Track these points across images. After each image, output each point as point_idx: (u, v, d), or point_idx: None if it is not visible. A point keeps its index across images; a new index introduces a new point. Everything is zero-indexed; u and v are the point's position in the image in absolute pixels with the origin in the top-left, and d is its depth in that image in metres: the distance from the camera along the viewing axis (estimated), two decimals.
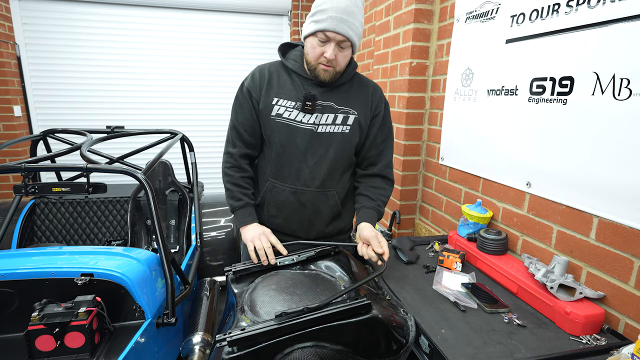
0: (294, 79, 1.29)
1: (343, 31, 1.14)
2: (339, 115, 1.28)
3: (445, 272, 1.36)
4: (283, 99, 1.27)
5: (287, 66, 1.30)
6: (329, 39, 1.16)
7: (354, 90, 1.33)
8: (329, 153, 1.29)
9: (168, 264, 1.43)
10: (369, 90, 1.35)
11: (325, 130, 1.27)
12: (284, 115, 1.26)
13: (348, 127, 1.29)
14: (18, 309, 1.29)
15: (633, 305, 1.01)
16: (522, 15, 1.34)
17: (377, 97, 1.36)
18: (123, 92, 3.72)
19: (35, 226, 2.22)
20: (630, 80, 0.98)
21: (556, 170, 1.23)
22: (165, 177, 2.31)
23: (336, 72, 1.23)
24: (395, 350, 0.95)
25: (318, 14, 1.15)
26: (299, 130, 1.26)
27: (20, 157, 3.37)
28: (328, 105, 1.28)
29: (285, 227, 1.37)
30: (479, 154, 1.61)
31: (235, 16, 3.80)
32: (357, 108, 1.31)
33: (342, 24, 1.14)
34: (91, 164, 1.38)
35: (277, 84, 1.29)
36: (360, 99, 1.33)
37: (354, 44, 1.21)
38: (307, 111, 1.25)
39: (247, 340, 0.82)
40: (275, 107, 1.27)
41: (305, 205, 1.32)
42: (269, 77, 1.30)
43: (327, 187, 1.32)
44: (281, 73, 1.31)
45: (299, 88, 1.28)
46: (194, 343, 1.63)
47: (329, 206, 1.35)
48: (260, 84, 1.30)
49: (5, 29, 3.28)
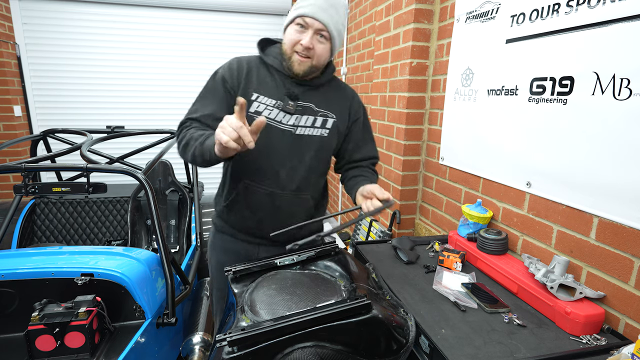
0: (274, 75, 1.22)
1: (322, 19, 1.11)
2: (318, 117, 1.24)
3: (445, 272, 1.36)
4: (263, 95, 1.20)
5: (267, 62, 1.23)
6: (307, 26, 1.12)
7: (332, 93, 1.29)
8: (307, 157, 1.24)
9: (168, 264, 1.43)
10: (347, 95, 1.32)
11: (305, 133, 1.22)
12: (264, 113, 1.19)
13: (327, 130, 1.25)
14: (18, 309, 1.29)
15: (633, 305, 1.01)
16: (522, 15, 1.34)
17: (356, 102, 1.34)
18: (123, 92, 3.73)
19: (35, 226, 2.22)
20: (630, 80, 0.98)
21: (556, 170, 1.23)
22: (165, 177, 2.31)
23: (312, 65, 1.17)
24: (395, 350, 0.95)
25: (300, 1, 1.14)
26: (279, 132, 1.20)
27: (20, 157, 3.37)
28: (308, 106, 1.23)
29: (258, 230, 1.30)
30: (479, 154, 1.61)
31: (235, 16, 3.81)
32: (335, 112, 1.28)
33: (322, 12, 1.11)
34: (91, 164, 1.38)
35: (256, 79, 1.21)
36: (339, 103, 1.29)
37: (333, 37, 1.16)
38: (288, 111, 1.19)
39: (247, 340, 0.82)
40: (254, 103, 1.19)
41: (280, 208, 1.26)
42: (248, 69, 1.22)
43: (302, 191, 1.27)
44: (261, 68, 1.24)
45: (279, 85, 1.21)
46: (194, 343, 1.63)
47: (303, 210, 1.30)
48: (238, 75, 1.21)
49: (5, 29, 3.28)
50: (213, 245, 1.40)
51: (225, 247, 1.35)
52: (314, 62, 1.17)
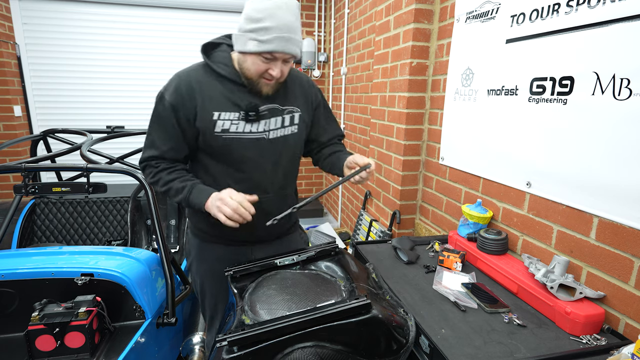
0: (227, 86, 1.18)
1: (291, 51, 1.10)
2: (285, 116, 1.24)
3: (445, 272, 1.36)
4: (223, 111, 1.16)
5: (217, 72, 1.17)
6: (275, 59, 1.10)
7: (291, 86, 1.28)
8: (282, 158, 1.26)
9: (168, 264, 1.43)
10: (304, 83, 1.32)
11: (278, 135, 1.23)
12: (231, 129, 1.17)
13: (296, 126, 1.27)
14: (18, 309, 1.29)
15: (633, 305, 1.01)
16: (522, 15, 1.34)
17: (313, 88, 1.35)
18: (123, 92, 3.73)
19: (35, 226, 2.22)
20: (630, 80, 0.98)
21: (556, 170, 1.23)
22: None
23: (278, 83, 1.18)
24: (395, 350, 0.95)
25: (261, 33, 1.06)
26: (251, 142, 1.19)
27: (20, 157, 3.37)
28: (273, 108, 1.22)
29: (250, 236, 1.30)
30: (479, 154, 1.61)
31: (235, 16, 3.80)
32: (299, 104, 1.28)
33: (290, 43, 1.08)
34: (91, 164, 1.38)
35: (211, 96, 1.16)
36: (300, 94, 1.30)
37: (297, 56, 1.16)
38: (253, 120, 1.18)
39: (247, 340, 0.82)
40: (218, 122, 1.16)
41: (268, 210, 1.23)
42: (199, 88, 1.16)
43: (284, 189, 1.30)
44: (211, 81, 1.18)
45: (237, 97, 1.17)
46: (194, 343, 1.63)
47: (288, 205, 1.26)
48: (190, 97, 1.15)
49: (5, 29, 3.28)
50: (201, 257, 1.35)
51: (217, 256, 1.32)
52: (280, 81, 1.18)
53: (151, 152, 1.18)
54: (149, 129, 1.20)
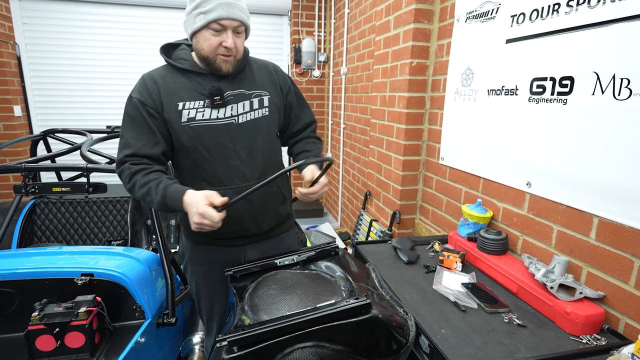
0: (190, 78, 1.19)
1: (237, 16, 1.11)
2: (253, 100, 1.23)
3: (445, 272, 1.36)
4: (188, 101, 1.17)
5: (179, 67, 1.19)
6: (224, 28, 1.11)
7: (256, 72, 1.29)
8: (258, 141, 1.23)
9: (168, 264, 1.43)
10: (270, 70, 1.33)
11: (247, 119, 1.21)
12: (197, 117, 1.17)
13: (266, 109, 1.26)
14: (18, 309, 1.29)
15: (633, 305, 1.01)
16: (522, 15, 1.34)
17: (281, 74, 1.35)
18: (123, 92, 3.71)
19: (35, 226, 2.22)
20: (630, 80, 0.98)
21: (556, 170, 1.23)
22: None
23: (236, 60, 1.18)
24: (395, 350, 0.95)
25: (203, 4, 1.09)
26: (220, 128, 1.18)
27: (20, 157, 3.37)
28: (239, 93, 1.22)
29: (238, 231, 1.27)
30: (479, 154, 1.61)
31: None
32: (267, 88, 1.28)
33: (234, 8, 1.10)
34: (91, 164, 1.38)
35: (174, 89, 1.18)
36: (266, 79, 1.29)
37: (248, 27, 1.18)
38: (219, 105, 1.18)
39: (247, 340, 0.82)
40: (184, 112, 1.16)
41: (253, 202, 1.23)
42: (163, 82, 1.18)
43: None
44: (175, 76, 1.20)
45: (200, 85, 1.18)
46: (194, 343, 1.63)
47: (274, 194, 1.29)
48: (153, 93, 1.16)
49: (5, 29, 3.28)
50: (193, 259, 1.34)
51: (209, 258, 1.31)
52: (238, 56, 1.18)
53: (126, 151, 1.15)
54: (121, 132, 1.18)
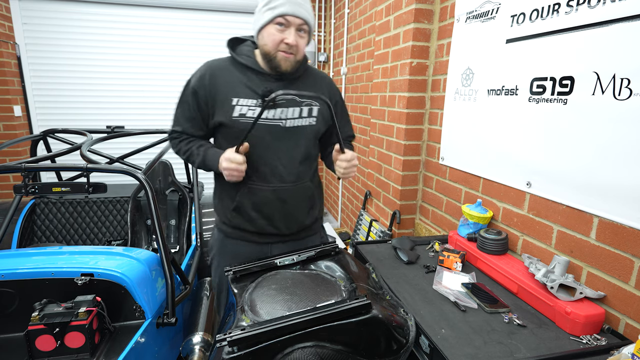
0: (248, 75, 1.24)
1: (302, 14, 1.15)
2: (303, 108, 1.28)
3: (445, 272, 1.36)
4: (243, 97, 1.23)
5: (240, 62, 1.25)
6: (288, 24, 1.16)
7: (311, 82, 1.33)
8: (300, 146, 1.28)
9: (168, 264, 1.43)
10: (324, 81, 1.37)
11: (295, 124, 1.26)
12: (248, 114, 1.22)
13: (314, 118, 1.30)
14: (18, 309, 1.29)
15: (633, 305, 1.01)
16: (523, 15, 1.34)
17: (332, 87, 1.40)
18: (123, 92, 3.73)
19: (35, 226, 2.22)
20: (630, 80, 0.98)
21: (556, 170, 1.23)
22: (165, 177, 2.30)
23: (296, 60, 1.22)
24: (395, 350, 0.95)
25: (272, 1, 1.15)
26: (266, 127, 1.23)
27: (20, 157, 3.37)
28: (291, 98, 1.26)
29: (268, 227, 1.32)
30: (479, 154, 1.61)
31: (235, 16, 3.81)
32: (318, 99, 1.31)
33: (300, 7, 1.15)
34: (91, 164, 1.38)
35: (232, 83, 1.24)
36: (318, 90, 1.33)
37: (311, 28, 1.22)
38: (270, 107, 1.22)
39: (247, 340, 0.82)
40: (237, 107, 1.22)
41: (286, 201, 1.29)
42: (221, 76, 1.24)
43: (302, 180, 1.32)
44: (233, 70, 1.25)
45: (256, 85, 1.23)
46: (194, 343, 1.63)
47: (306, 197, 1.34)
48: (210, 85, 1.23)
49: (5, 29, 3.28)
50: (221, 251, 1.40)
51: (237, 252, 1.35)
52: (298, 57, 1.22)
53: (175, 127, 1.32)
54: (176, 106, 1.32)
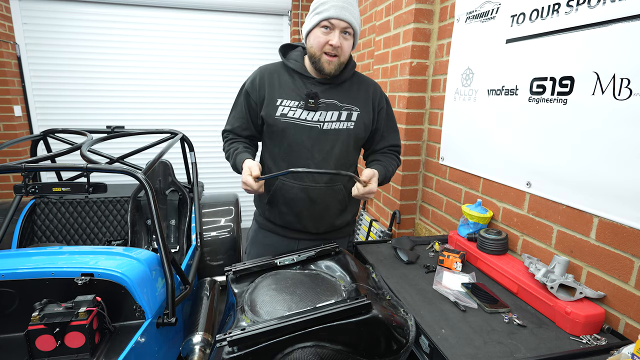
0: (295, 78, 1.34)
1: (346, 17, 1.21)
2: (342, 112, 1.33)
3: (445, 272, 1.36)
4: (286, 99, 1.32)
5: (289, 66, 1.35)
6: (333, 27, 1.22)
7: (355, 87, 1.38)
8: (335, 149, 1.33)
9: (168, 264, 1.43)
10: (369, 88, 1.41)
11: (331, 127, 1.31)
12: (289, 114, 1.30)
13: (352, 123, 1.34)
14: (18, 309, 1.28)
15: (633, 305, 1.01)
16: (522, 15, 1.34)
17: (378, 94, 1.43)
18: (123, 92, 3.72)
19: (35, 226, 2.22)
20: (630, 80, 0.98)
21: (556, 170, 1.23)
22: (165, 177, 2.30)
23: (340, 62, 1.27)
24: (395, 350, 0.95)
25: (320, 7, 1.23)
26: (305, 128, 1.30)
27: (20, 157, 3.37)
28: (331, 102, 1.32)
29: (297, 224, 1.40)
30: (479, 154, 1.61)
31: (235, 16, 3.80)
32: (359, 105, 1.36)
33: (345, 11, 1.21)
34: (91, 164, 1.38)
35: (279, 85, 1.33)
36: (362, 96, 1.38)
37: (356, 32, 1.27)
38: (311, 109, 1.30)
39: (247, 340, 0.82)
40: (279, 107, 1.31)
41: (316, 201, 1.35)
42: (270, 78, 1.34)
43: (335, 182, 1.35)
44: (282, 74, 1.36)
45: (301, 87, 1.32)
46: (194, 343, 1.63)
47: (337, 200, 1.38)
48: (260, 87, 1.34)
49: (5, 29, 3.28)
50: (254, 240, 1.52)
51: (267, 243, 1.47)
52: (342, 59, 1.28)
53: (227, 126, 1.45)
54: (232, 107, 1.45)
